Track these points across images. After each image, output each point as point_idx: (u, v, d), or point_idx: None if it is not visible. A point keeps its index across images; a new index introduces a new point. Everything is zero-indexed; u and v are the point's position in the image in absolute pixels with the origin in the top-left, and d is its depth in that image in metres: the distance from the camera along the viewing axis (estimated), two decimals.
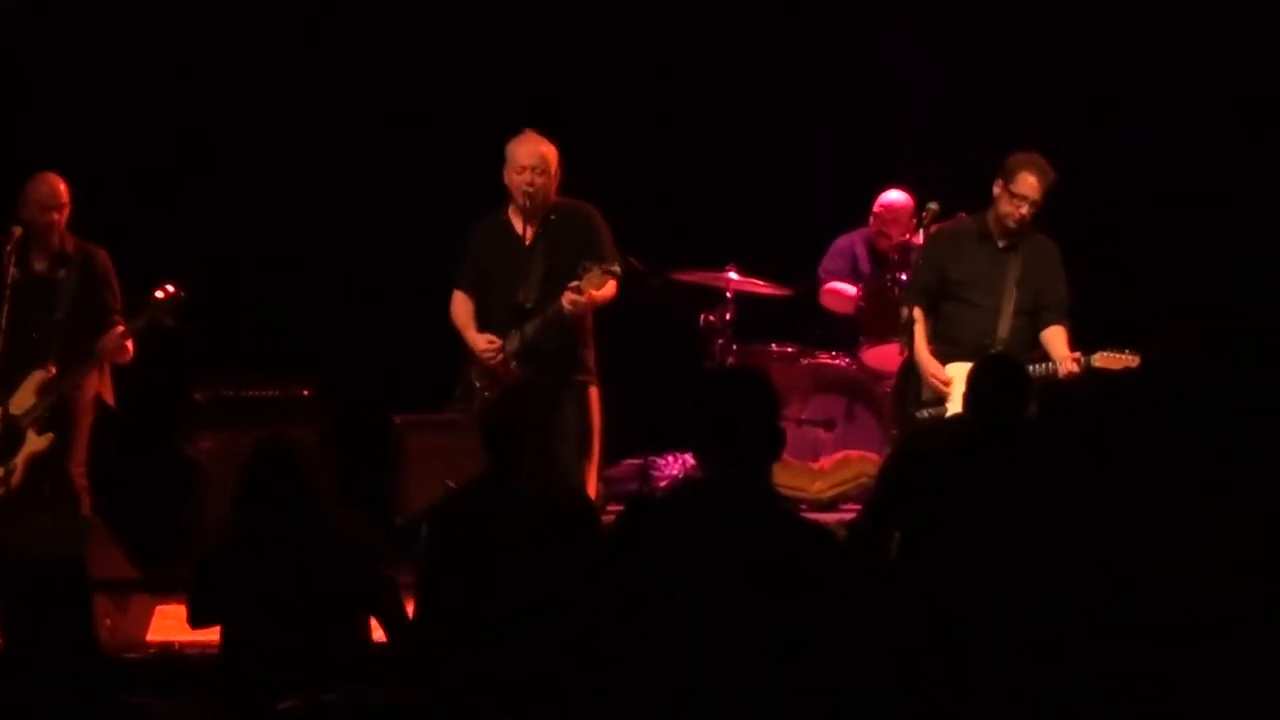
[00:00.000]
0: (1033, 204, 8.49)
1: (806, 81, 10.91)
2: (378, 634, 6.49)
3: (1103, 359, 8.31)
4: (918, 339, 8.60)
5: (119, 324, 8.73)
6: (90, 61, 10.76)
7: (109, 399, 8.88)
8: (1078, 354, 8.36)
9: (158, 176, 10.71)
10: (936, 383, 8.45)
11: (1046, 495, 6.00)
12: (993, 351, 8.12)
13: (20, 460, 8.65)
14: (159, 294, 8.65)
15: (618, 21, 10.98)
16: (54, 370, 8.67)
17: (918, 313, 8.62)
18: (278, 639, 6.19)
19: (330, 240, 10.94)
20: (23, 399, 8.67)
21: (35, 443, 8.66)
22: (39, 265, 8.79)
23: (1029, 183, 8.46)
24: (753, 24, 10.92)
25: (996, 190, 8.55)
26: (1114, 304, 9.37)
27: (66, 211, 8.81)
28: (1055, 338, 8.51)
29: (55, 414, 8.67)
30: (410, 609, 6.47)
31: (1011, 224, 8.53)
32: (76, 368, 8.69)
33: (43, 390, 8.66)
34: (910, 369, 8.67)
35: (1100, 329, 8.61)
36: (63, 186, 8.80)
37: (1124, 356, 8.27)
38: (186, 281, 8.74)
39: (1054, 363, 8.37)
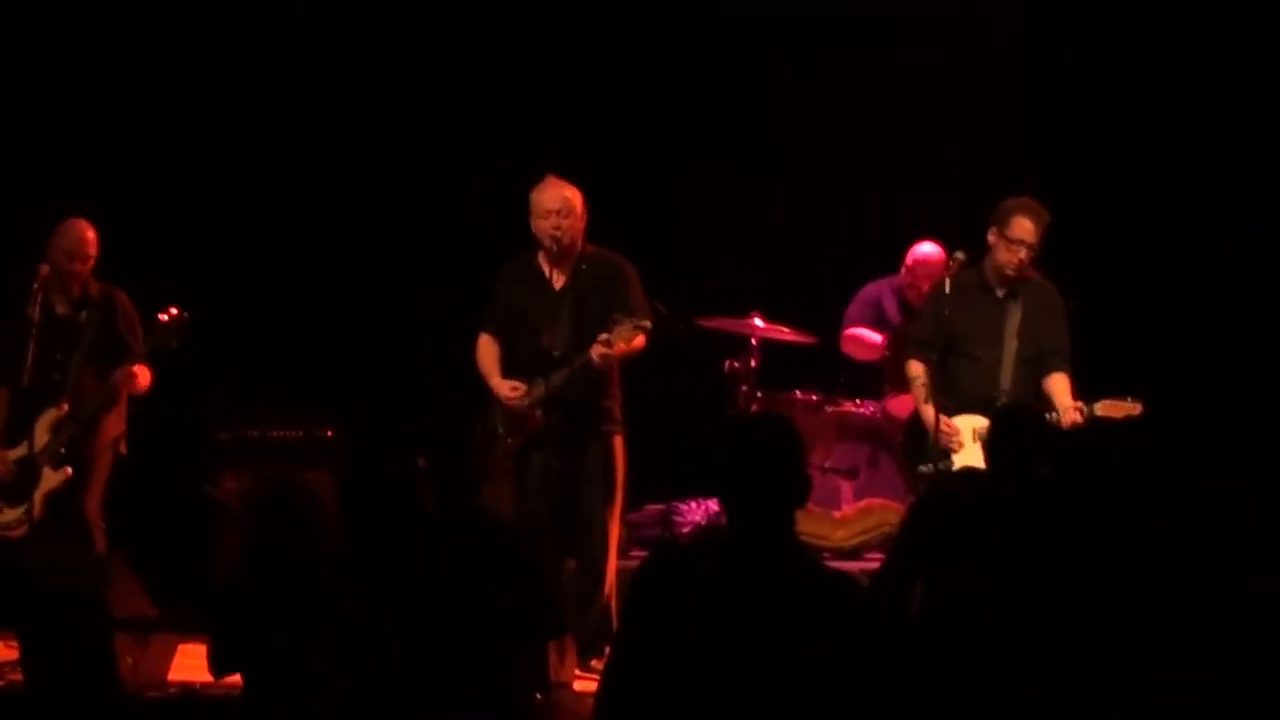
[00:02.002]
0: (1030, 248, 8.45)
1: (827, 131, 10.90)
2: None
3: (1105, 407, 8.26)
4: (919, 394, 8.52)
5: (131, 354, 8.76)
6: (117, 96, 10.81)
7: (122, 446, 8.91)
8: (1079, 404, 8.29)
9: (184, 215, 10.78)
10: (944, 437, 8.38)
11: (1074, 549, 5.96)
12: (1002, 404, 8.06)
13: (38, 497, 8.67)
14: (162, 317, 8.66)
15: (645, 70, 11.06)
16: (65, 408, 8.67)
17: (920, 368, 8.55)
18: (299, 686, 6.13)
19: (355, 281, 11.01)
20: (39, 437, 8.70)
21: (51, 479, 8.68)
22: (61, 307, 8.83)
23: (1025, 227, 8.42)
24: (777, 74, 10.95)
25: (991, 238, 8.51)
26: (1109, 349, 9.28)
27: (92, 261, 8.86)
28: (1058, 386, 8.43)
29: (73, 451, 8.68)
30: None
31: (1010, 271, 8.47)
32: (90, 405, 8.68)
33: (56, 428, 8.69)
34: (916, 424, 8.65)
35: (1098, 375, 8.60)
36: (91, 235, 8.86)
37: (1126, 404, 8.23)
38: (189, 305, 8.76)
39: (1057, 413, 8.27)
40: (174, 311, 8.68)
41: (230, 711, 6.80)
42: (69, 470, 8.63)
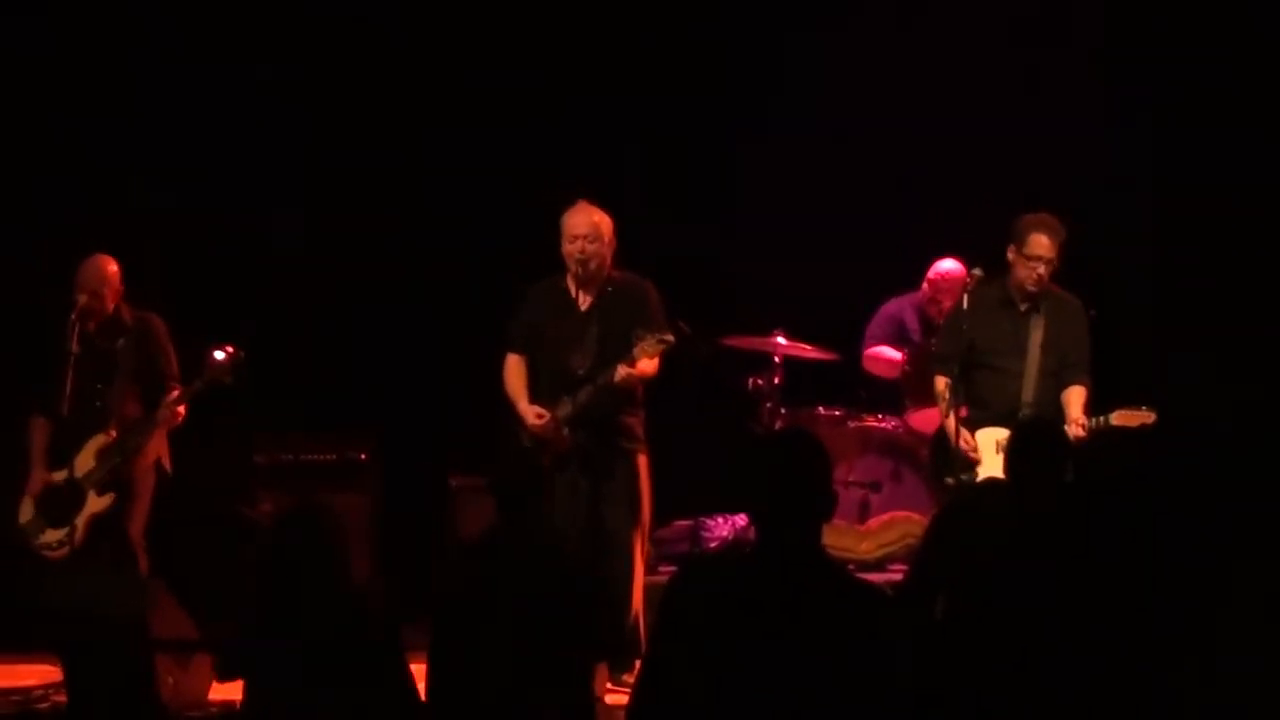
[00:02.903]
0: (1048, 263, 8.49)
1: (846, 152, 10.85)
2: None
3: (1120, 417, 8.32)
4: (943, 407, 8.51)
5: (174, 389, 8.76)
6: (149, 123, 10.79)
7: (167, 464, 8.88)
8: (1083, 419, 8.32)
9: (218, 241, 10.79)
10: (965, 450, 8.37)
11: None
12: (1024, 415, 8.04)
13: (81, 521, 8.64)
14: (218, 354, 8.63)
15: (671, 94, 11.04)
16: (114, 434, 8.66)
17: (944, 382, 8.55)
18: (296, 700, 6.11)
19: (387, 306, 10.98)
20: (84, 462, 8.68)
21: (96, 503, 8.64)
22: (98, 337, 8.82)
23: (1042, 243, 8.46)
24: (800, 94, 10.90)
25: (1010, 256, 8.56)
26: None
27: (116, 292, 8.88)
28: (1073, 399, 8.47)
29: (116, 477, 8.65)
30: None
31: (1031, 287, 8.52)
32: (135, 432, 8.69)
33: (102, 454, 8.66)
34: (943, 437, 8.64)
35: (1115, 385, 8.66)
36: (111, 269, 8.89)
37: (1141, 413, 8.27)
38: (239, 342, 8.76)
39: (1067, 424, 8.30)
40: (229, 350, 8.65)
41: None
42: (114, 496, 8.62)
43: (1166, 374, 9.67)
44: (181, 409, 8.72)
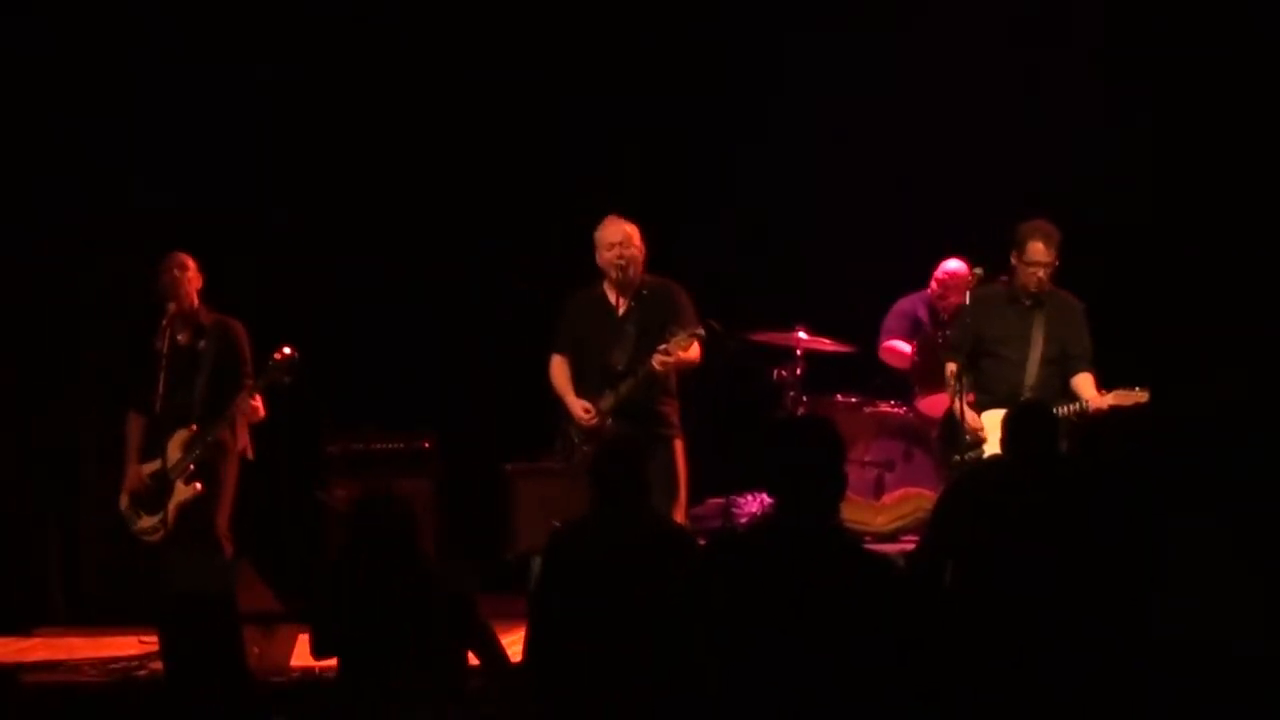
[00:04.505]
0: (1045, 266, 8.58)
1: (857, 161, 10.71)
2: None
3: (1117, 396, 8.40)
4: (955, 392, 8.63)
5: (247, 387, 8.77)
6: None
7: (250, 454, 8.94)
8: (1102, 394, 8.43)
9: (289, 247, 10.68)
10: (972, 430, 8.48)
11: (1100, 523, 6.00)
12: (1023, 399, 8.13)
13: (172, 507, 8.71)
14: (276, 356, 8.69)
15: (671, 94, 10.89)
16: (195, 428, 8.73)
17: (954, 368, 8.65)
18: (385, 668, 6.21)
19: (450, 312, 10.92)
20: (171, 453, 8.75)
21: (182, 492, 8.71)
22: (182, 338, 8.84)
23: (1038, 249, 8.55)
24: (810, 102, 10.77)
25: (1013, 261, 8.65)
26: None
27: (190, 274, 8.83)
28: (1084, 383, 8.56)
29: (202, 466, 8.73)
30: (517, 635, 6.45)
31: (1033, 288, 8.62)
32: (214, 425, 8.73)
33: (186, 446, 8.72)
34: (951, 418, 8.70)
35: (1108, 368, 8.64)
36: (191, 260, 8.86)
37: (1135, 393, 8.38)
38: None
39: (1083, 403, 8.41)
40: (286, 351, 8.65)
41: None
42: (199, 485, 8.68)
43: (1167, 367, 9.64)
44: (257, 404, 8.76)
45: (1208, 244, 10.20)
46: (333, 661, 6.50)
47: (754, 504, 10.39)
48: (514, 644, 6.56)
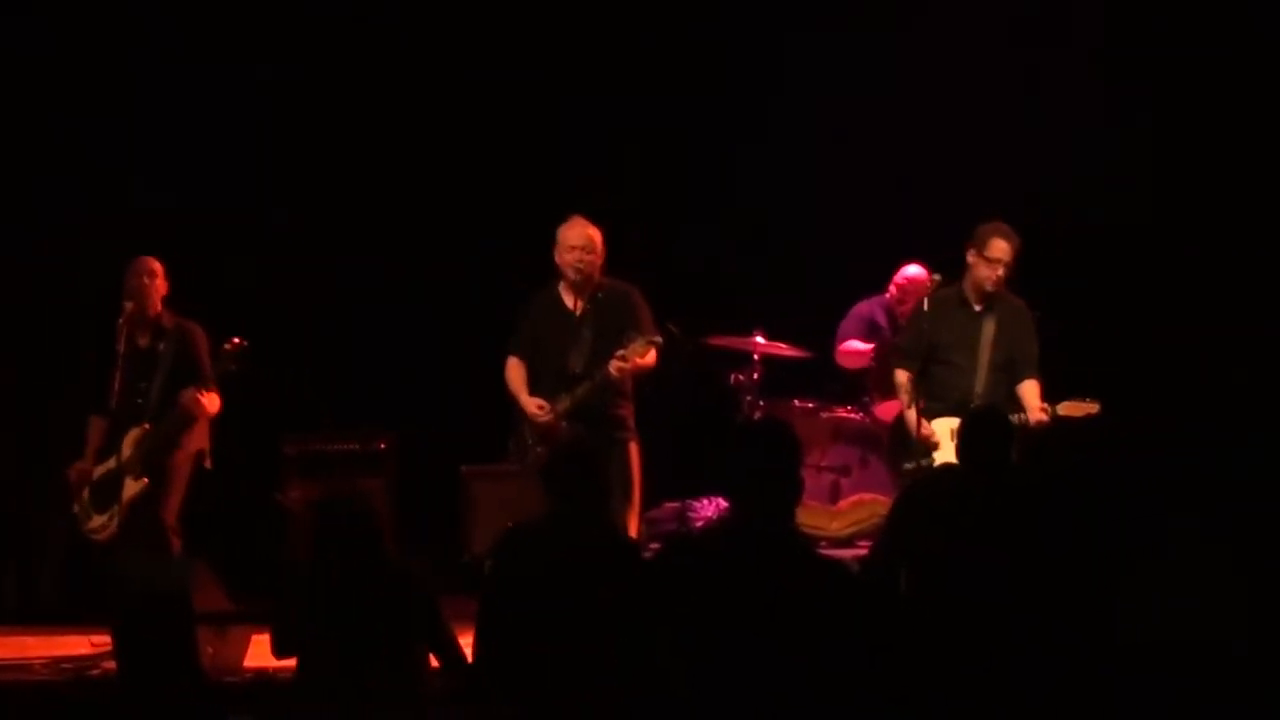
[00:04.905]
0: (1006, 265, 8.57)
1: (862, 163, 10.69)
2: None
3: (1067, 407, 8.35)
4: (905, 399, 8.60)
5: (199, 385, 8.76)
6: (149, 123, 10.58)
7: (208, 456, 8.91)
8: (1045, 405, 8.38)
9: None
10: (924, 438, 8.46)
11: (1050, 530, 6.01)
12: (974, 406, 8.12)
13: (121, 505, 8.68)
14: (226, 345, 8.68)
15: (695, 106, 10.92)
16: (148, 426, 8.70)
17: (904, 375, 8.63)
18: (349, 668, 6.16)
19: (401, 313, 10.88)
20: (124, 452, 8.72)
21: (131, 488, 8.66)
22: (142, 340, 8.83)
23: (1001, 247, 8.53)
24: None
25: (971, 258, 8.61)
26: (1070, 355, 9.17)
27: (159, 282, 8.83)
28: (1028, 391, 8.52)
29: (154, 464, 8.69)
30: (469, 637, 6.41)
31: (989, 287, 8.58)
32: (167, 422, 8.70)
33: (138, 442, 8.69)
34: (902, 425, 8.70)
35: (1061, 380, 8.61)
36: (158, 265, 8.86)
37: (1085, 404, 8.33)
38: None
39: (1025, 413, 8.37)
40: (236, 341, 8.67)
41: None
42: (146, 480, 8.65)
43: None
44: (206, 400, 8.69)
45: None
46: (291, 662, 6.44)
47: (710, 508, 10.41)
48: (470, 645, 6.49)
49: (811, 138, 10.68)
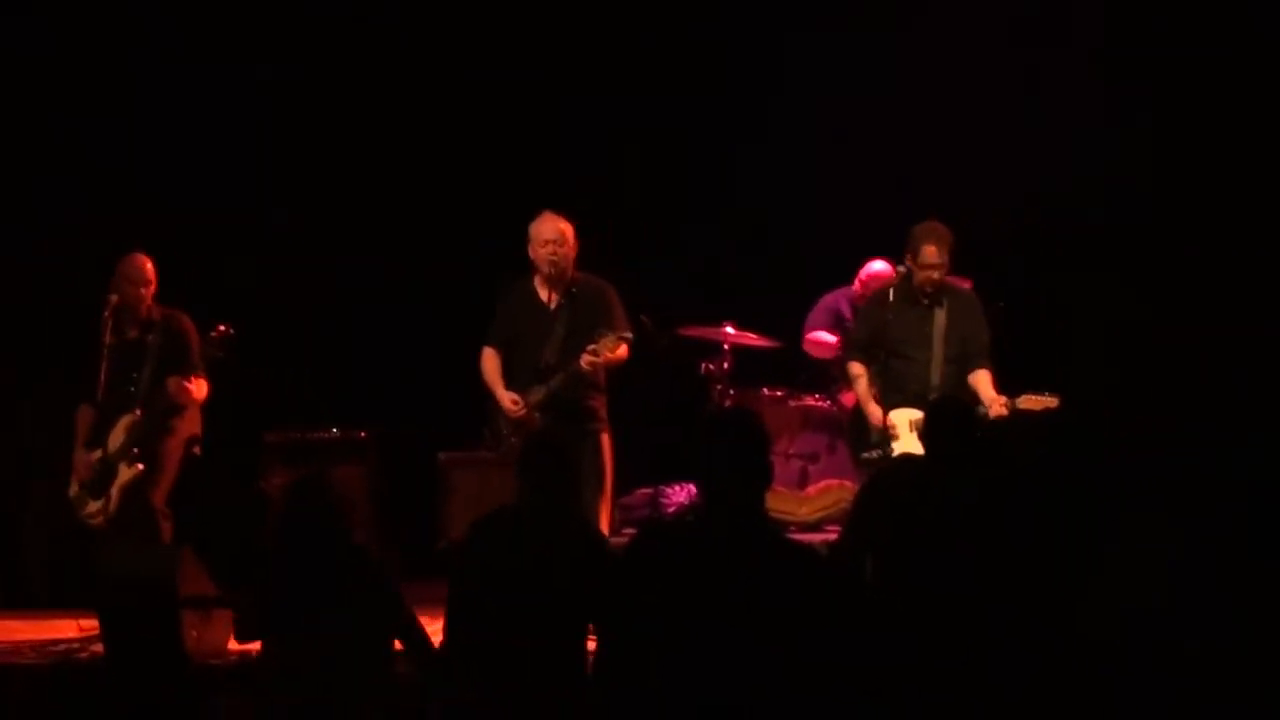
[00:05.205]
0: (938, 267, 8.62)
1: (793, 164, 10.78)
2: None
3: (1026, 401, 8.34)
4: (860, 390, 8.70)
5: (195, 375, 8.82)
6: (149, 123, 10.59)
7: (197, 444, 8.98)
8: (1004, 398, 8.41)
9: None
10: (886, 428, 8.55)
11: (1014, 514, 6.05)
12: (934, 397, 8.10)
13: (114, 490, 8.76)
14: (213, 333, 8.77)
15: (634, 110, 10.92)
16: (139, 414, 8.76)
17: (858, 367, 8.73)
18: (313, 652, 6.19)
19: (382, 304, 10.92)
20: (114, 439, 8.79)
21: (125, 474, 8.76)
22: (130, 331, 8.89)
23: (930, 252, 8.60)
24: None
25: (908, 262, 8.68)
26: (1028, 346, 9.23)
27: (153, 287, 8.92)
28: (981, 381, 8.57)
29: (146, 450, 8.77)
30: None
31: (928, 289, 8.66)
32: (157, 409, 8.78)
33: (130, 430, 8.76)
34: (859, 415, 8.78)
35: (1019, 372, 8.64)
36: (150, 266, 8.93)
37: (1044, 398, 8.31)
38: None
39: (984, 406, 8.39)
40: (221, 328, 8.77)
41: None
42: (140, 466, 8.73)
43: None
44: (194, 386, 8.78)
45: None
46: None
47: (681, 494, 10.46)
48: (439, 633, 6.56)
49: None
